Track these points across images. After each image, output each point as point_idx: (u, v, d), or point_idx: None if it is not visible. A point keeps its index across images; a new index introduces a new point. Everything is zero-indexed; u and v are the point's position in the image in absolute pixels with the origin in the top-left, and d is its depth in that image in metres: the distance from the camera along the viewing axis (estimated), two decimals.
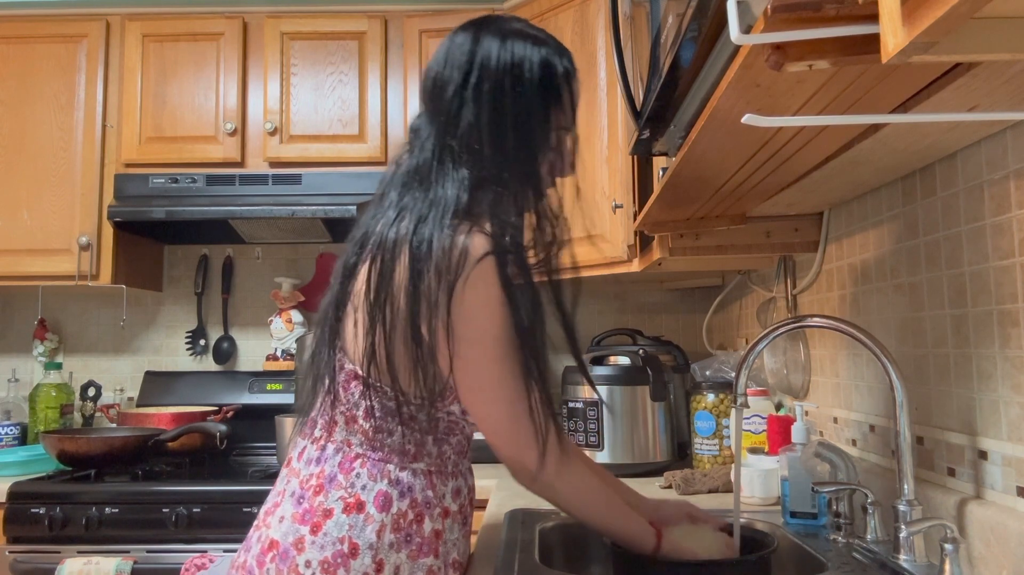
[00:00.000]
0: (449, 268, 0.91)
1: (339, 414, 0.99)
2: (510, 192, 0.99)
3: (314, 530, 0.94)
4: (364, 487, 0.96)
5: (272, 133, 2.26)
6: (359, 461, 0.98)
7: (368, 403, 0.97)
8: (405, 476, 0.98)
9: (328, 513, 0.95)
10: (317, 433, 1.02)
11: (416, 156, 1.02)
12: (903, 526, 0.99)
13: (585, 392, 1.81)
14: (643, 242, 1.78)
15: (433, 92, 1.03)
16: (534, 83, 0.99)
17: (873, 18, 0.56)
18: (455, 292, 0.91)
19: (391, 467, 0.97)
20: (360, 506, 0.95)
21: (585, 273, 2.00)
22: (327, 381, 1.00)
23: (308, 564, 0.93)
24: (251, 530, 1.02)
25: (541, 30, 1.06)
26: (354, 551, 0.93)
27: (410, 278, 0.92)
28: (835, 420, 1.45)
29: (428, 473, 1.00)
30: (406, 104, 2.29)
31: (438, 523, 0.99)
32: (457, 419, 1.02)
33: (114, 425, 2.30)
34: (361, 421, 0.98)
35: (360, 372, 0.97)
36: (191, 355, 2.58)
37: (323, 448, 1.00)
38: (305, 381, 1.04)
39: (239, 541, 1.79)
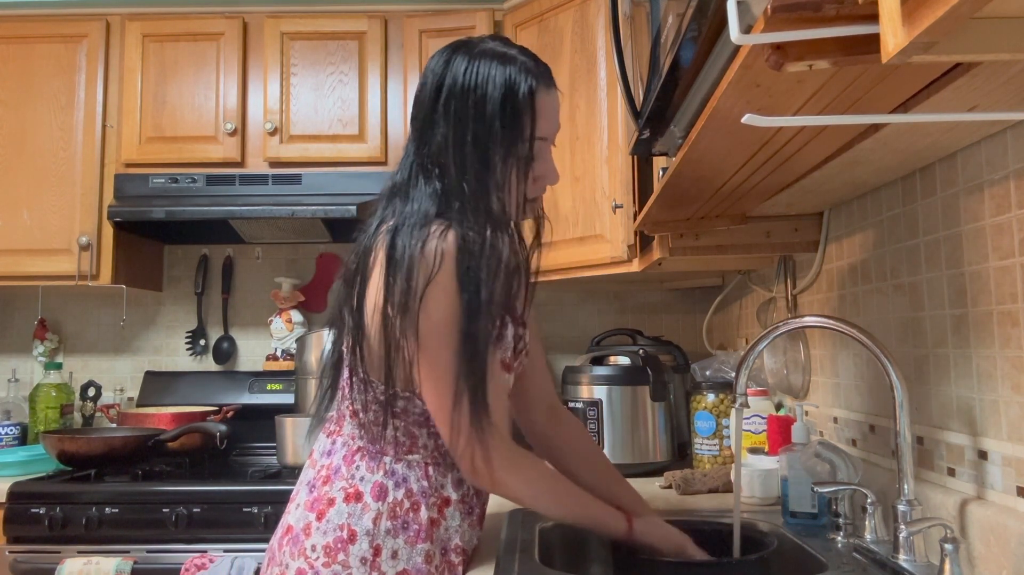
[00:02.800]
0: (415, 267, 0.97)
1: (345, 409, 1.09)
2: (474, 204, 1.03)
3: (319, 517, 1.03)
4: (362, 478, 1.04)
5: (272, 133, 2.26)
6: (359, 454, 1.06)
7: (364, 397, 1.05)
8: (400, 468, 1.05)
9: (331, 502, 1.04)
10: (331, 427, 1.12)
11: (398, 173, 1.11)
12: (903, 526, 0.99)
13: (585, 392, 1.81)
14: (643, 242, 1.78)
15: (413, 112, 1.11)
16: (495, 102, 1.03)
17: (873, 18, 0.56)
18: (421, 289, 0.97)
19: (387, 459, 1.05)
20: (359, 496, 1.03)
21: (585, 273, 2.00)
22: (337, 380, 1.10)
23: (314, 548, 1.02)
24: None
25: (513, 47, 1.09)
26: (352, 537, 1.01)
27: (384, 281, 1.00)
28: (835, 420, 1.45)
29: (424, 464, 1.06)
30: (406, 104, 2.29)
31: (433, 511, 1.05)
32: None
33: (114, 425, 2.30)
34: (361, 415, 1.06)
35: (358, 368, 1.05)
36: (191, 355, 2.58)
37: (334, 442, 1.10)
38: (322, 380, 1.13)
39: (239, 541, 1.79)
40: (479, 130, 1.03)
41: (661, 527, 1.11)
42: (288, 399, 2.38)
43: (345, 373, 1.07)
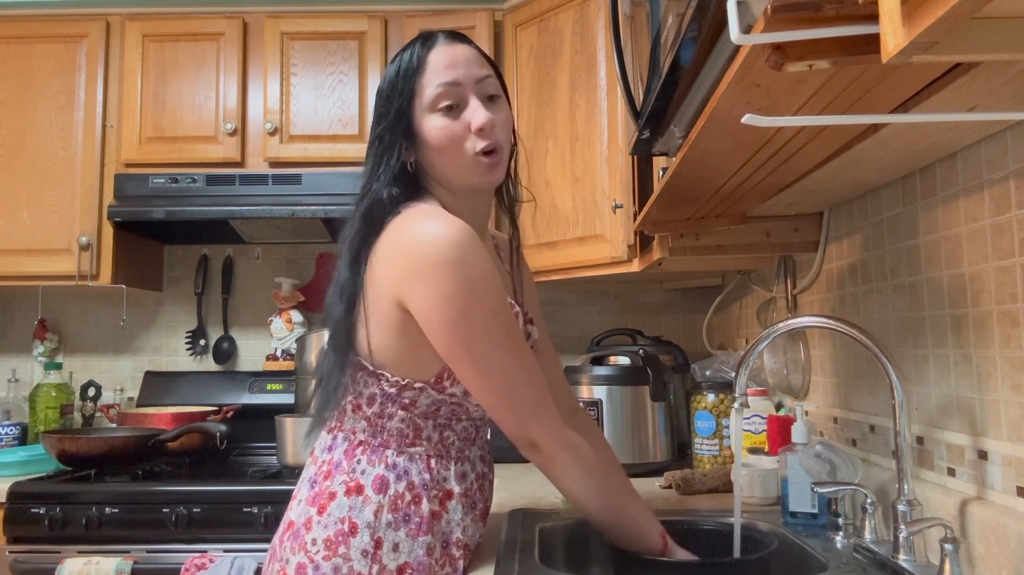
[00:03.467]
0: (417, 257, 0.97)
1: (347, 403, 1.07)
2: (403, 185, 1.06)
3: (320, 511, 1.03)
4: (363, 472, 1.04)
5: (272, 133, 2.26)
6: (361, 448, 1.06)
7: (370, 390, 1.04)
8: (402, 460, 1.05)
9: (332, 496, 1.03)
10: (332, 423, 1.11)
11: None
12: (903, 526, 0.99)
13: (585, 392, 1.81)
14: (643, 242, 1.78)
15: None
16: (390, 81, 1.08)
17: (873, 18, 0.56)
18: (427, 279, 0.97)
19: (389, 452, 1.05)
20: (359, 489, 1.03)
21: (585, 273, 2.00)
22: (338, 375, 1.07)
23: (315, 542, 1.02)
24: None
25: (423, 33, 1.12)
26: (353, 530, 1.01)
27: (389, 270, 1.00)
28: (835, 420, 1.45)
29: (427, 457, 1.06)
30: None
31: (435, 504, 1.05)
32: (460, 401, 1.07)
33: (114, 425, 2.30)
34: (365, 408, 1.05)
35: (363, 362, 1.04)
36: (191, 355, 2.58)
37: (335, 437, 1.09)
38: (322, 379, 1.11)
39: (239, 541, 1.79)
40: (383, 114, 1.07)
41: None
42: (288, 399, 2.38)
43: (349, 368, 1.06)
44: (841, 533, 1.15)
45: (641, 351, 1.84)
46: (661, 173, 1.24)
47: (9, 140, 2.26)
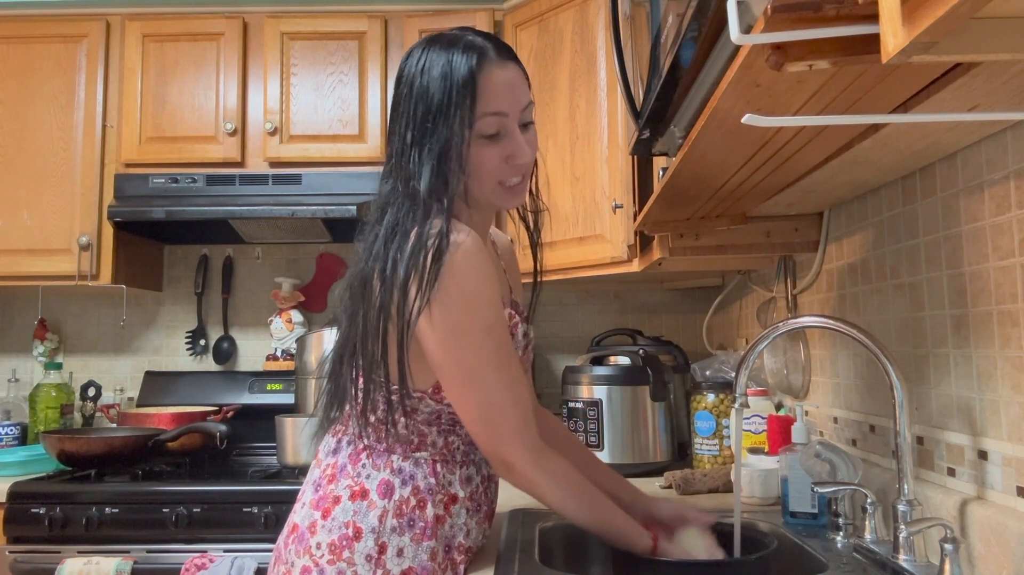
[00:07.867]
0: (421, 266, 0.95)
1: (352, 409, 1.07)
2: (432, 203, 0.99)
3: (325, 515, 1.03)
4: (368, 476, 1.04)
5: (272, 133, 2.26)
6: (366, 452, 1.06)
7: (373, 396, 1.03)
8: (407, 465, 1.04)
9: (337, 500, 1.03)
10: (337, 427, 1.11)
11: (384, 180, 1.08)
12: (903, 526, 0.99)
13: (585, 392, 1.81)
14: (643, 242, 1.78)
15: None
16: (435, 88, 1.00)
17: (873, 18, 0.56)
18: (427, 288, 0.95)
19: (394, 457, 1.05)
20: (364, 493, 1.03)
21: (585, 273, 2.00)
22: (344, 381, 1.07)
23: (319, 546, 1.01)
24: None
25: (471, 31, 1.06)
26: (358, 534, 1.01)
27: (390, 279, 0.98)
28: (835, 420, 1.45)
29: (432, 462, 1.06)
30: None
31: (440, 508, 1.05)
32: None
33: (114, 425, 2.30)
34: (368, 414, 1.05)
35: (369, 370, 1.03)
36: (191, 355, 2.58)
37: (339, 441, 1.10)
38: (327, 383, 1.10)
39: (239, 541, 1.79)
40: (424, 120, 1.01)
41: (684, 541, 1.10)
42: (288, 399, 2.38)
43: (353, 373, 1.06)
44: (841, 533, 1.15)
45: (641, 351, 1.84)
46: (661, 173, 1.24)
47: (9, 140, 2.26)
